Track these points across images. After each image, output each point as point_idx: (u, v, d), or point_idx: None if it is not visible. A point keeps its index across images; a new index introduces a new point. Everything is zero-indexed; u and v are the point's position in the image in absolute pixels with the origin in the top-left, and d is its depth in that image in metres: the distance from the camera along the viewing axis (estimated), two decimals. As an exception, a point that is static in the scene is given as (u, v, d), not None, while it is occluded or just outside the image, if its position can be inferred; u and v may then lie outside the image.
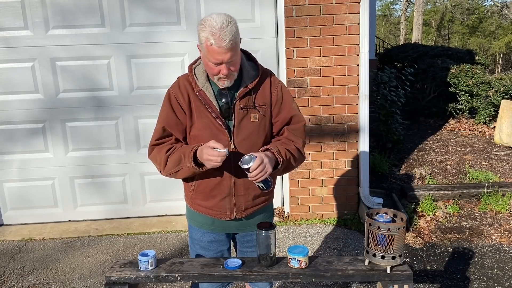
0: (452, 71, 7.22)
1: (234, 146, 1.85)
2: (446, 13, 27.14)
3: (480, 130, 6.60)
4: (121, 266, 1.87)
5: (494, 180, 4.56)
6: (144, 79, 3.83)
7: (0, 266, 3.35)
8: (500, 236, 3.61)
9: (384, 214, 1.79)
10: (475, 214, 4.02)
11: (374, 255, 1.75)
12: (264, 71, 1.92)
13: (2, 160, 3.92)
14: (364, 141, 3.82)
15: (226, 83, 1.80)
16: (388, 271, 1.75)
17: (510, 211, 4.00)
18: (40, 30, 3.68)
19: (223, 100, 1.83)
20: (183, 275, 1.80)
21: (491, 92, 6.68)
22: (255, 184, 1.79)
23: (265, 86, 1.90)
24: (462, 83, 7.02)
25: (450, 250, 3.42)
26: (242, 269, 1.81)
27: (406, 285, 1.75)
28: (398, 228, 1.70)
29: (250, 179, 1.74)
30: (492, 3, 25.88)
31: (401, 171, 5.03)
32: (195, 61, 1.92)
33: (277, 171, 1.83)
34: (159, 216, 4.13)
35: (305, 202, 3.97)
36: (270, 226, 1.79)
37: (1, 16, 3.63)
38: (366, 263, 1.81)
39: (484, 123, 6.75)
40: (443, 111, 7.41)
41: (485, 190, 4.17)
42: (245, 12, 3.72)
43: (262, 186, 1.80)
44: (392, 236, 1.70)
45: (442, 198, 4.20)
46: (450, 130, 6.78)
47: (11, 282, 3.14)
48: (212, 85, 1.85)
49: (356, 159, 3.88)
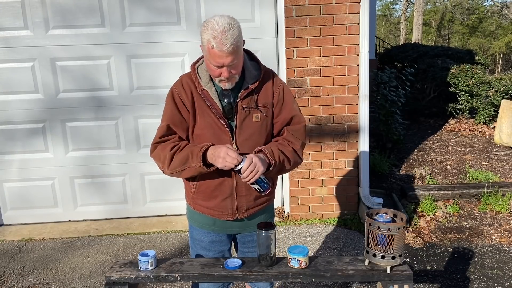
0: (452, 71, 7.22)
1: (236, 146, 1.85)
2: (446, 13, 27.14)
3: (480, 130, 6.60)
4: (121, 266, 1.87)
5: (494, 180, 4.56)
6: (144, 79, 3.84)
7: (0, 266, 3.35)
8: (500, 236, 3.61)
9: (384, 214, 1.79)
10: (475, 214, 4.02)
11: (374, 255, 1.75)
12: (267, 71, 1.92)
13: (2, 160, 3.92)
14: (364, 141, 3.83)
15: (227, 85, 1.80)
16: (388, 271, 1.75)
17: (510, 211, 4.00)
18: (40, 30, 3.68)
19: (225, 100, 1.83)
20: (183, 275, 1.80)
21: (491, 92, 6.68)
22: (251, 186, 1.79)
23: (267, 87, 1.90)
24: (462, 83, 7.02)
25: (450, 250, 3.42)
26: (242, 269, 1.81)
27: (406, 285, 1.75)
28: (398, 228, 1.70)
29: (243, 181, 1.75)
30: (492, 3, 25.89)
31: (401, 171, 5.03)
32: (197, 60, 1.91)
33: (269, 173, 1.82)
34: (159, 216, 4.13)
35: (305, 202, 3.97)
36: (270, 226, 1.79)
37: (1, 16, 3.64)
38: (366, 263, 1.81)
39: (484, 123, 6.75)
40: (443, 111, 7.41)
41: (485, 190, 4.17)
42: (245, 12, 3.73)
43: (258, 188, 1.80)
44: (392, 236, 1.70)
45: (442, 198, 4.20)
46: (450, 130, 6.78)
47: (11, 282, 3.14)
48: (215, 85, 1.85)
49: (356, 159, 3.88)
